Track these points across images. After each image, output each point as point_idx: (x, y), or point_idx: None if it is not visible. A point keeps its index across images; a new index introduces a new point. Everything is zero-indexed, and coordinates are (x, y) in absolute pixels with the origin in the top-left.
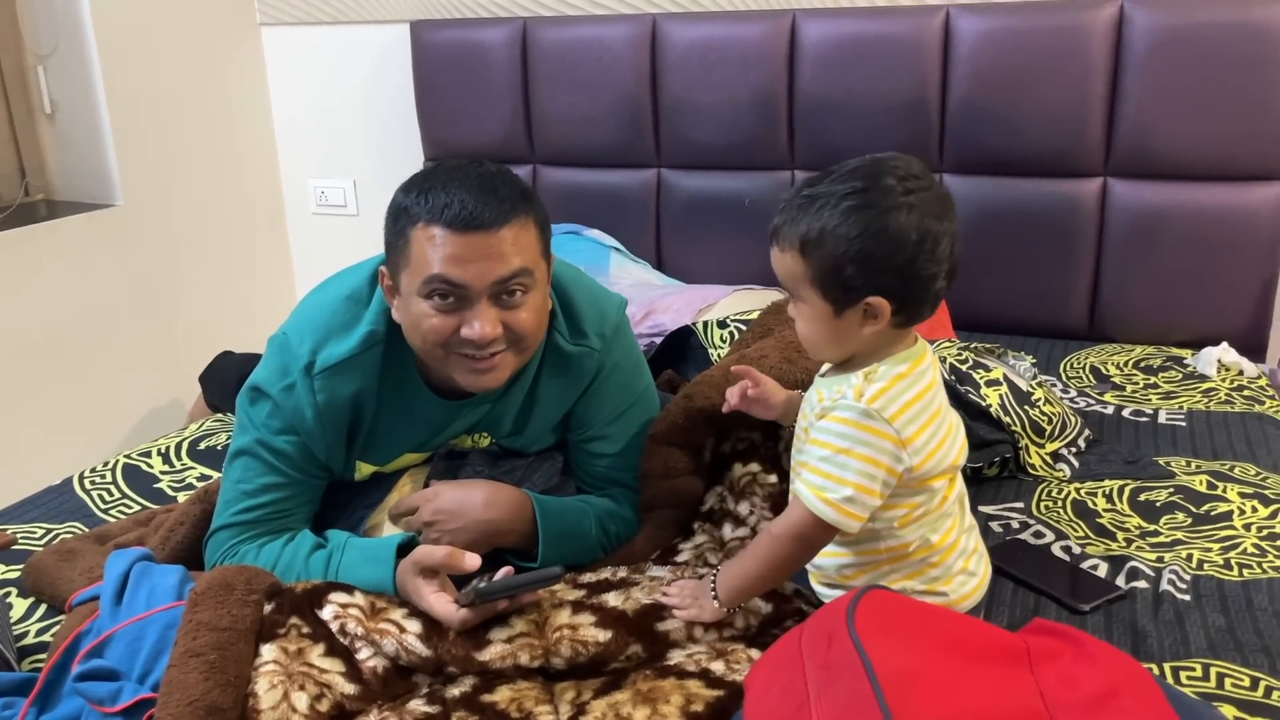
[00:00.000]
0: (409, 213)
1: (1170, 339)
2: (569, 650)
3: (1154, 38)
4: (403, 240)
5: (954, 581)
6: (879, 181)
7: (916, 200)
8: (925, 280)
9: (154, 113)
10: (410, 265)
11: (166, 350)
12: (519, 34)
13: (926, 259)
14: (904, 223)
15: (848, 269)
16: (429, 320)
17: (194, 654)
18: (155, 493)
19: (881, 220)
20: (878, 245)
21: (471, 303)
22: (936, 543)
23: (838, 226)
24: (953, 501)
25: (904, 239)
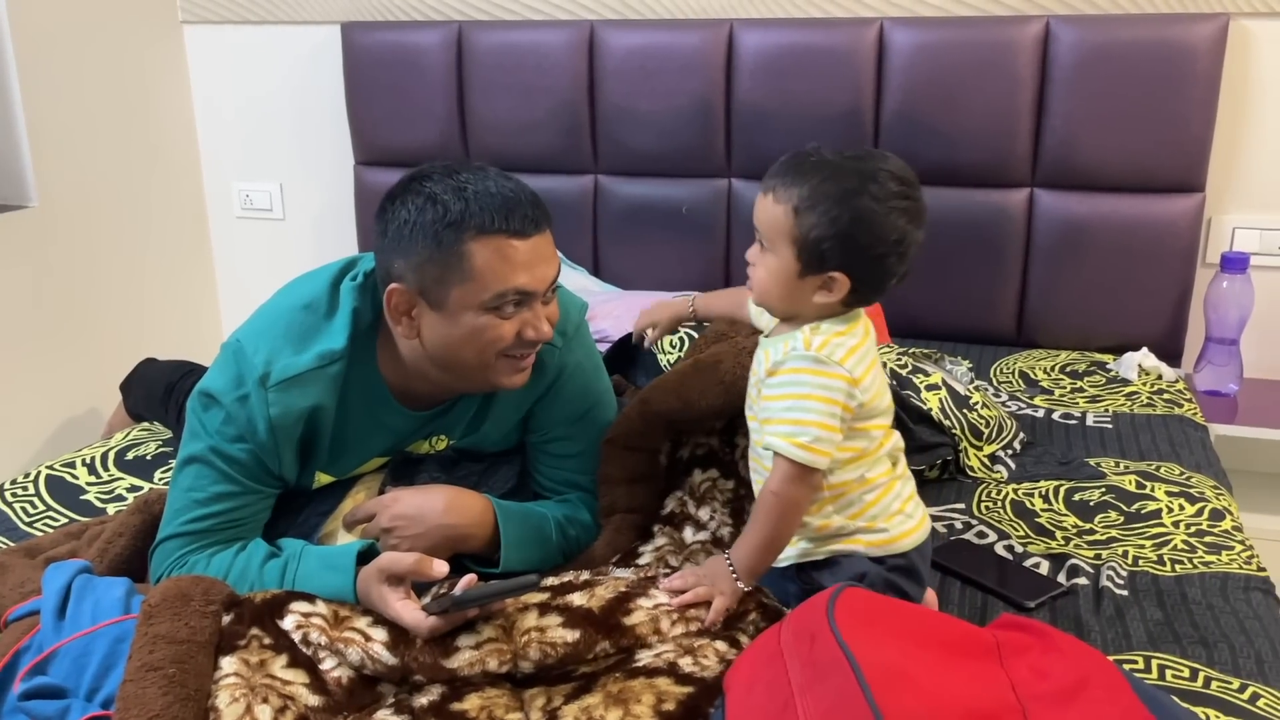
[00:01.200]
0: (461, 224)
1: (1093, 344)
2: (538, 653)
3: (1078, 54)
4: (455, 255)
5: (893, 520)
6: (879, 177)
7: (907, 206)
8: (887, 276)
9: (71, 111)
10: (471, 278)
11: (84, 357)
12: (454, 37)
13: (896, 259)
14: (891, 222)
15: (828, 243)
16: (493, 331)
17: (152, 668)
18: (82, 504)
19: (873, 214)
20: (863, 234)
21: (532, 305)
22: (872, 479)
23: (835, 205)
24: (887, 450)
25: (886, 236)
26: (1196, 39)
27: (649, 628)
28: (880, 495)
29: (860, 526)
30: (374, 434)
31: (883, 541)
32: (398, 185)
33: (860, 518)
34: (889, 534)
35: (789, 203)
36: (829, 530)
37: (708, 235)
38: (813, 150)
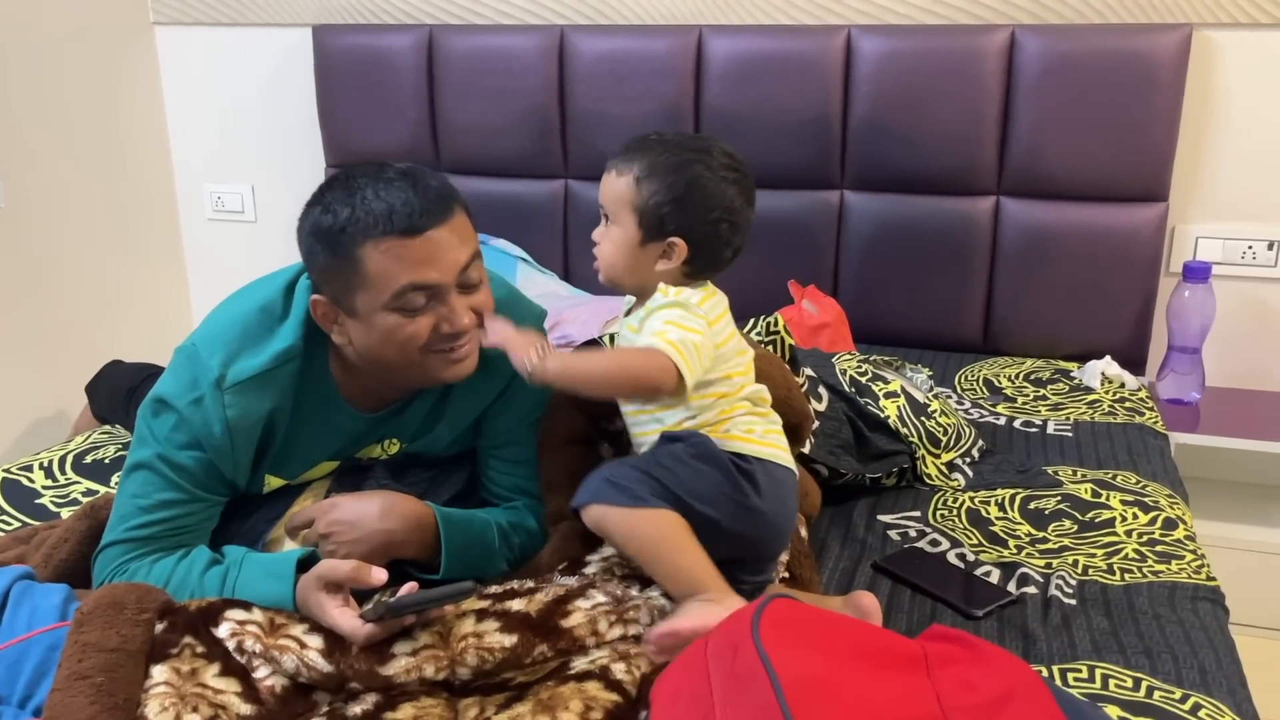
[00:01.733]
0: (347, 233)
1: (1058, 352)
2: (475, 659)
3: (1043, 63)
4: (349, 263)
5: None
6: (712, 152)
7: (737, 179)
8: (720, 243)
9: (40, 112)
10: (370, 284)
11: (53, 359)
12: (425, 41)
13: (729, 228)
14: (723, 190)
15: (666, 208)
16: (405, 329)
17: (80, 676)
18: (37, 509)
19: (706, 181)
20: (697, 198)
21: (444, 298)
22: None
23: (671, 173)
24: (746, 394)
25: (719, 203)
26: (1160, 49)
27: (587, 629)
28: (731, 421)
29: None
30: (325, 436)
31: (724, 436)
32: (311, 195)
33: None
34: (727, 435)
35: (630, 174)
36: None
37: None
38: (653, 134)
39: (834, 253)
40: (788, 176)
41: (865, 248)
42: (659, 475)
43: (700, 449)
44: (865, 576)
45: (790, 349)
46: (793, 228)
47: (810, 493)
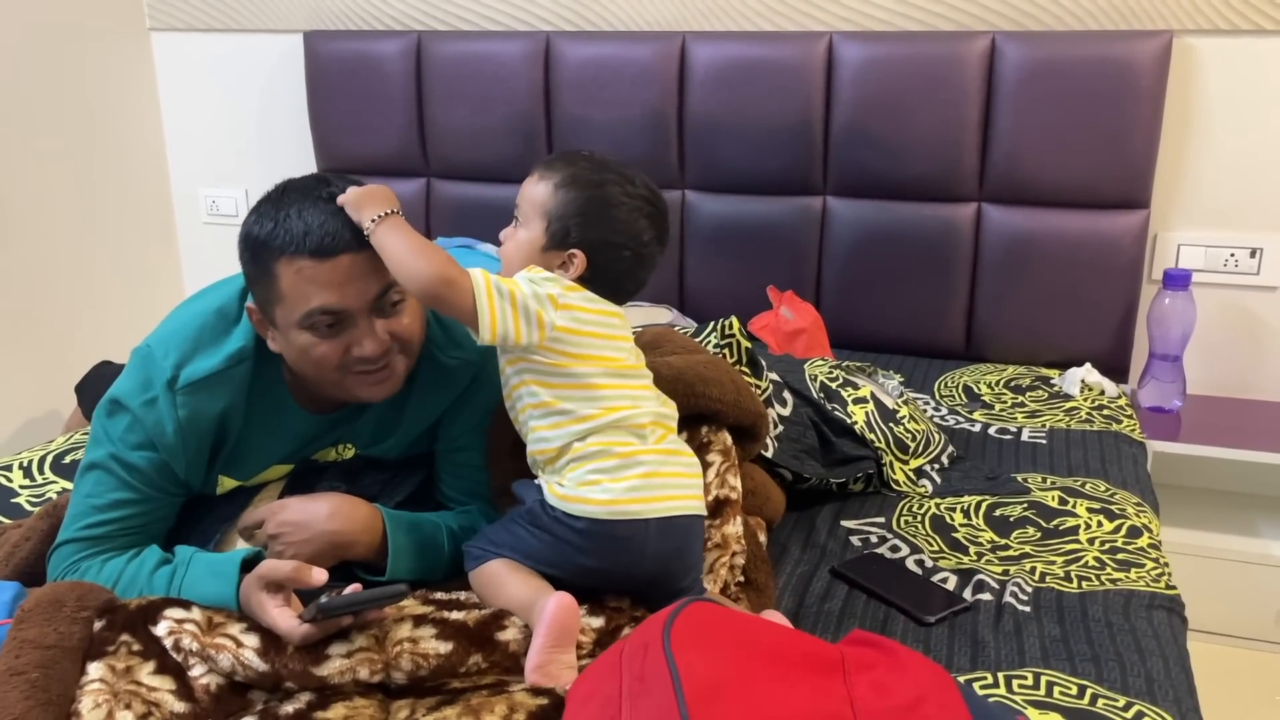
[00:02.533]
0: (267, 247)
1: (1040, 359)
2: (409, 664)
3: (1023, 71)
4: (268, 276)
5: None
6: (635, 182)
7: (652, 214)
8: (620, 271)
9: (37, 117)
10: (283, 300)
11: (46, 361)
12: (413, 47)
13: (632, 258)
14: (634, 220)
15: (574, 220)
16: (317, 349)
17: (15, 672)
18: (12, 508)
19: (620, 206)
20: (607, 220)
21: (355, 322)
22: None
23: (589, 188)
24: (614, 420)
25: (627, 230)
26: (1141, 56)
27: (520, 645)
28: (579, 470)
29: (554, 467)
30: (277, 437)
31: (561, 495)
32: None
33: (556, 464)
34: (566, 490)
35: (551, 180)
36: (536, 460)
37: None
38: (585, 151)
39: (816, 258)
40: (770, 182)
41: (848, 253)
42: (500, 540)
43: (533, 517)
44: (823, 581)
45: (747, 352)
46: (775, 233)
47: (772, 498)
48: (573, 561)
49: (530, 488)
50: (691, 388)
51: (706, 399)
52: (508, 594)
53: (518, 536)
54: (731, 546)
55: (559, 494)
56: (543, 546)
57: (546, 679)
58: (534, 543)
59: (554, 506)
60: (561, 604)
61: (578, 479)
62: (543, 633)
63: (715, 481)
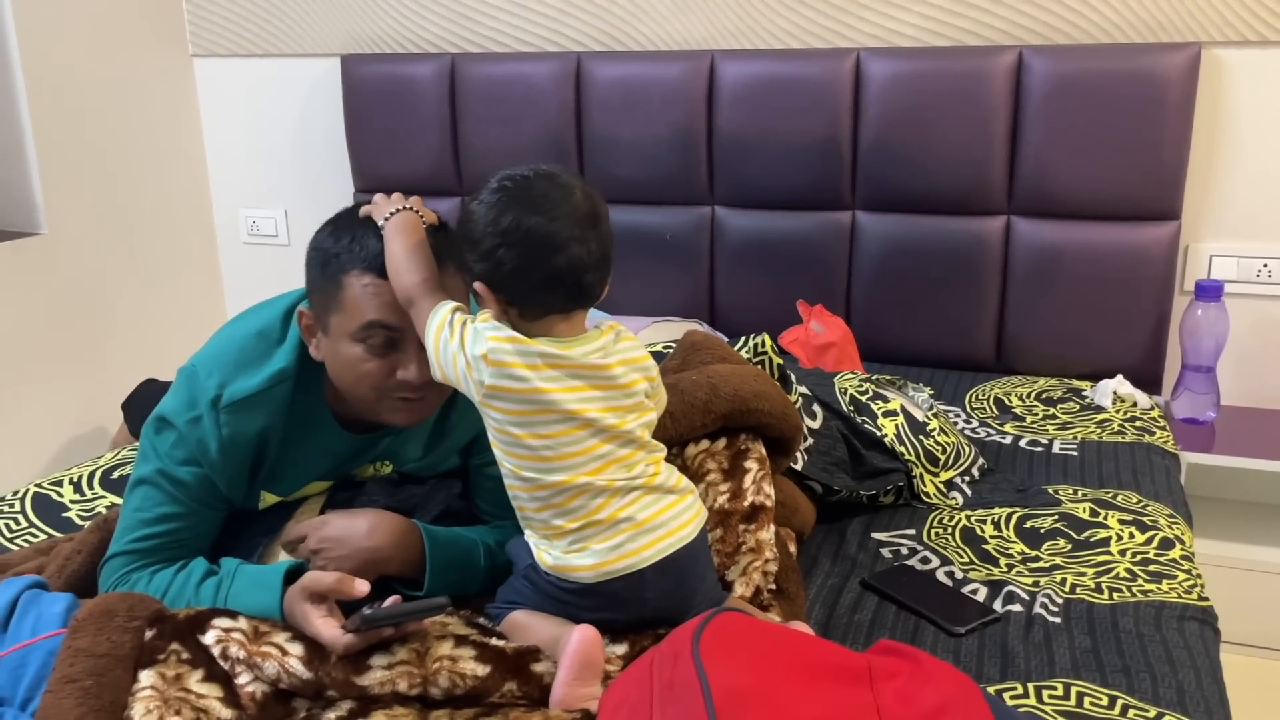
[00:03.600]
0: (340, 259)
1: (1071, 371)
2: (447, 681)
3: (1051, 84)
4: (334, 285)
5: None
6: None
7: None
8: (517, 271)
9: (82, 141)
10: (343, 309)
11: (93, 379)
12: (447, 69)
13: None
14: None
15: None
16: (363, 365)
17: (70, 680)
18: (64, 522)
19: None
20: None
21: (405, 345)
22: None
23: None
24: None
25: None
26: (1169, 68)
27: (554, 678)
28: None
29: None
30: (315, 455)
31: (551, 564)
32: (333, 214)
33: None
34: (554, 559)
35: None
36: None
37: (692, 261)
38: None
39: (845, 273)
40: (799, 197)
41: (876, 268)
42: (513, 597)
43: (530, 579)
44: (853, 593)
45: (779, 368)
46: (804, 248)
47: (801, 509)
48: (577, 617)
49: (522, 547)
50: (746, 404)
51: (759, 413)
52: (533, 634)
53: (524, 594)
54: (765, 552)
55: (548, 563)
56: (547, 603)
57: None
58: (539, 599)
59: (547, 573)
60: (585, 636)
61: (564, 547)
62: (566, 665)
63: (752, 488)
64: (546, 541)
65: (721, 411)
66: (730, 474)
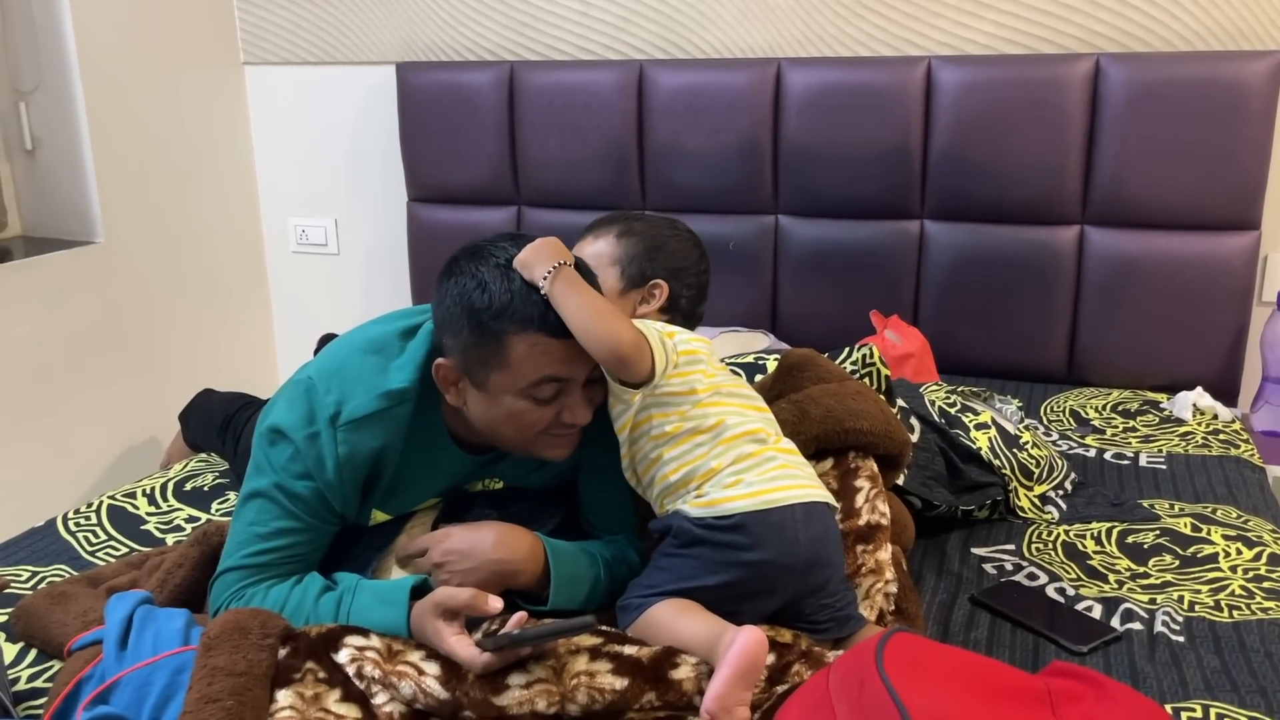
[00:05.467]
0: (501, 319)
1: (1146, 383)
2: (585, 697)
3: (1129, 92)
4: (495, 344)
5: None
6: (675, 224)
7: (697, 243)
8: (692, 294)
9: (136, 150)
10: (509, 368)
11: (145, 388)
12: (506, 77)
13: (696, 281)
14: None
15: (647, 256)
16: (531, 414)
17: (210, 699)
18: (142, 534)
19: (673, 238)
20: (673, 250)
21: (570, 391)
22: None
23: (648, 230)
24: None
25: (687, 257)
26: (1250, 76)
27: (694, 685)
28: (718, 477)
29: (687, 490)
30: (432, 475)
31: (704, 504)
32: (455, 256)
33: (690, 485)
34: (709, 498)
35: (610, 234)
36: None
37: (755, 272)
38: (621, 212)
39: (914, 283)
40: (866, 206)
41: (946, 278)
42: (656, 580)
43: (682, 536)
44: (964, 610)
45: (886, 379)
46: (872, 258)
47: (907, 526)
48: (736, 562)
49: (667, 519)
50: (841, 423)
51: (857, 433)
52: (683, 633)
53: (672, 569)
54: (885, 573)
55: (703, 503)
56: (702, 564)
57: (724, 713)
58: (693, 564)
59: (700, 517)
60: (754, 637)
61: (719, 483)
62: (731, 663)
63: (866, 507)
64: (697, 490)
65: (813, 434)
66: (840, 493)
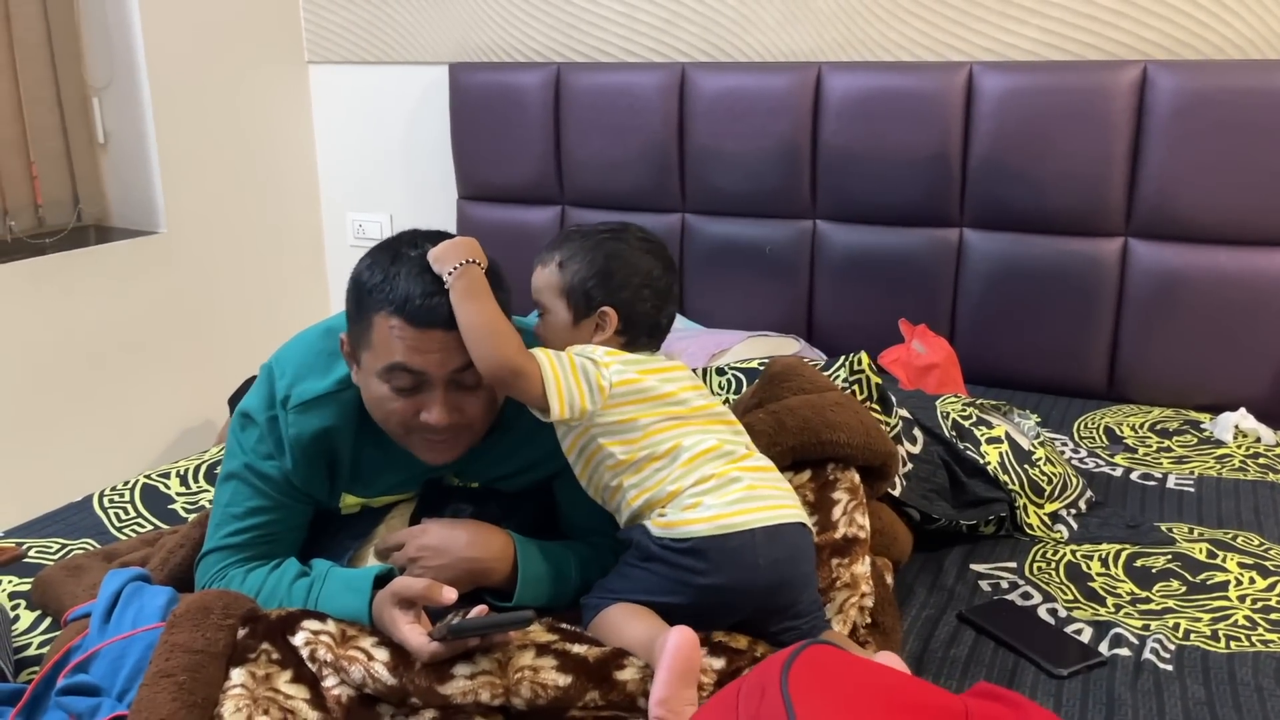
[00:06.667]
0: (372, 297)
1: (1189, 403)
2: (529, 692)
3: (1177, 101)
4: (365, 322)
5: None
6: (627, 230)
7: (653, 249)
8: (649, 310)
9: (201, 144)
10: (372, 347)
11: (203, 372)
12: (553, 78)
13: (653, 294)
14: (640, 259)
15: (591, 281)
16: (390, 404)
17: (165, 674)
18: (169, 514)
19: (623, 253)
20: (618, 269)
21: (430, 388)
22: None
23: (590, 251)
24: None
25: (638, 270)
26: None
27: (638, 686)
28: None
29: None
30: (391, 461)
31: (664, 524)
32: (375, 244)
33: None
34: (668, 519)
35: (553, 262)
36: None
37: (791, 276)
38: (571, 227)
39: (951, 292)
40: (904, 213)
41: (984, 287)
42: (617, 586)
43: (643, 551)
44: (949, 626)
45: (877, 388)
46: (909, 265)
47: (899, 538)
48: (690, 584)
49: (630, 530)
50: (818, 435)
51: (833, 445)
52: (627, 635)
53: (632, 578)
54: (861, 587)
55: (663, 523)
56: (659, 579)
57: (670, 714)
58: (650, 578)
59: (660, 536)
60: (684, 636)
61: (679, 504)
62: (666, 666)
63: (843, 520)
64: (659, 509)
65: (789, 445)
66: (817, 506)
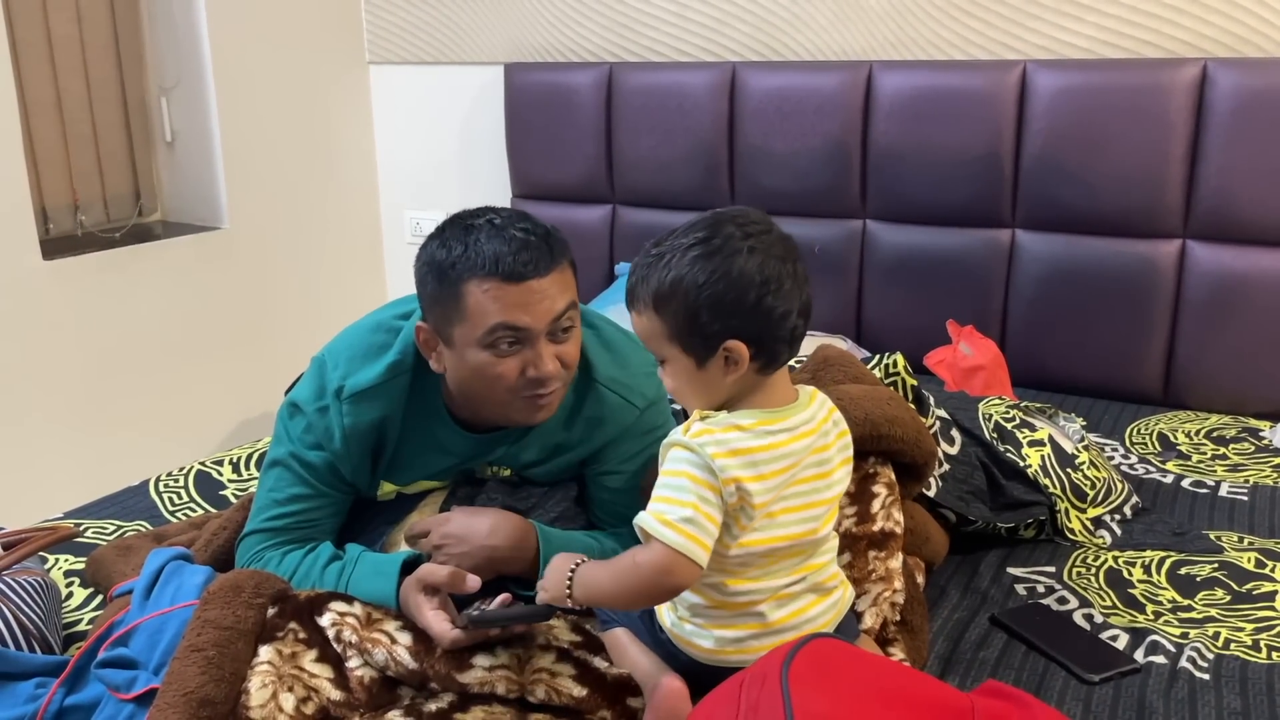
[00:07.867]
0: (456, 270)
1: (1248, 409)
2: (543, 693)
3: (1238, 99)
4: (453, 296)
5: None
6: (720, 230)
7: (757, 244)
8: (777, 319)
9: (264, 143)
10: (466, 318)
11: (261, 364)
12: (605, 78)
13: (774, 298)
14: (747, 265)
15: (702, 316)
16: (496, 368)
17: (196, 649)
18: (220, 499)
19: (726, 265)
20: (726, 288)
21: (532, 343)
22: None
23: (685, 276)
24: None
25: (747, 280)
26: None
27: None
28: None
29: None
30: (432, 450)
31: (668, 625)
32: (434, 230)
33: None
34: (679, 622)
35: (648, 306)
36: None
37: (841, 276)
38: (650, 247)
39: (1002, 293)
40: (955, 213)
41: (1036, 289)
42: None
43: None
44: (980, 628)
45: (913, 389)
46: (959, 266)
47: (933, 538)
48: (676, 666)
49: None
50: (878, 428)
51: (891, 439)
52: (629, 662)
53: (637, 624)
54: (894, 582)
55: (666, 623)
56: (654, 645)
57: None
58: (647, 637)
59: (661, 629)
60: (671, 689)
61: (687, 618)
62: (651, 713)
63: (880, 514)
64: (670, 604)
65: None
66: (857, 498)
